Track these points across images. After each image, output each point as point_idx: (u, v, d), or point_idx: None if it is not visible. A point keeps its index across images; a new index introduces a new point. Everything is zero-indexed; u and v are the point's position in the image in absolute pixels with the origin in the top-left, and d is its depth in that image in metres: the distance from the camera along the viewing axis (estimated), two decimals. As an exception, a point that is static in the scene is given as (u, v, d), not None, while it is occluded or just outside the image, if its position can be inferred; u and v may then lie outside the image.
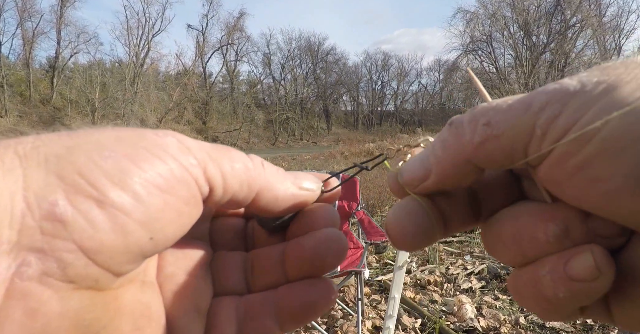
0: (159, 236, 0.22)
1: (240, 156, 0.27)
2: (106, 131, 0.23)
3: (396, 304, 2.01)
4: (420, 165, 0.27)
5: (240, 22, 43.39)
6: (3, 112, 27.29)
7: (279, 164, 14.91)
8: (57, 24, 32.44)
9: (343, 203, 3.10)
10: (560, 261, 0.23)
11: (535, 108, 0.22)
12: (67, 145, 0.21)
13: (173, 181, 0.22)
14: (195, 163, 0.24)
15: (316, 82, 49.86)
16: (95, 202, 0.20)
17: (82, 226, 0.19)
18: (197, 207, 0.25)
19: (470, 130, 0.24)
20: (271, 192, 0.28)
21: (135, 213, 0.21)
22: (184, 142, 0.24)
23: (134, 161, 0.21)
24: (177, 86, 38.13)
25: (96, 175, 0.20)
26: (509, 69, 35.63)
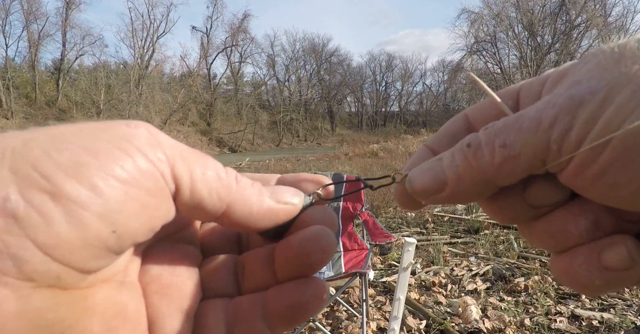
0: (122, 229, 0.21)
1: (214, 164, 0.26)
2: (73, 124, 0.22)
3: (401, 306, 2.01)
4: (434, 177, 0.27)
5: (245, 24, 43.60)
6: (9, 114, 27.45)
7: (283, 165, 14.97)
8: (62, 26, 32.69)
9: (347, 204, 3.10)
10: (594, 251, 0.24)
11: (546, 125, 0.22)
12: (25, 139, 0.21)
13: (135, 173, 0.22)
14: (163, 158, 0.23)
15: (320, 83, 49.97)
16: (49, 195, 0.19)
17: (35, 220, 0.19)
18: (165, 201, 0.23)
19: (488, 152, 0.24)
20: (244, 206, 0.26)
21: (92, 205, 0.20)
22: (155, 136, 0.24)
23: (92, 153, 0.21)
24: (182, 88, 38.21)
25: (50, 168, 0.20)
26: (513, 70, 35.57)
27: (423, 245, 4.17)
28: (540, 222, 0.27)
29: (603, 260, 0.23)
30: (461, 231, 4.76)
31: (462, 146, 0.26)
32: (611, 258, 0.23)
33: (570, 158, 0.22)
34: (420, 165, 0.29)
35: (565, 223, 0.25)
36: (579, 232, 0.24)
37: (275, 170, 12.51)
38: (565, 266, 0.25)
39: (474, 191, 0.26)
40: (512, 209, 0.27)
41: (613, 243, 0.23)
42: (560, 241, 0.25)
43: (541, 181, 0.25)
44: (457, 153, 0.26)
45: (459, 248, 4.14)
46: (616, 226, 0.24)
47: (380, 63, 56.06)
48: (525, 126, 0.23)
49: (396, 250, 3.93)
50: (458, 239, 4.42)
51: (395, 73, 56.26)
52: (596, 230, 0.24)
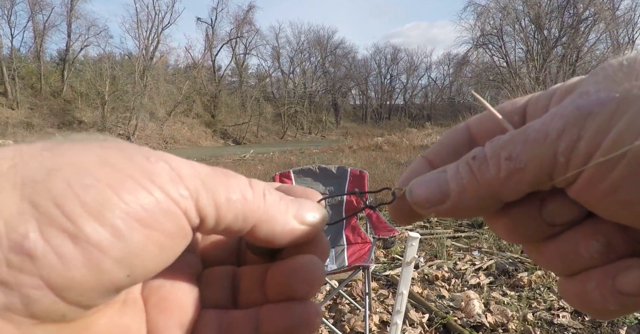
0: (137, 272, 0.21)
1: (239, 184, 0.25)
2: (92, 150, 0.22)
3: (404, 300, 2.01)
4: (437, 188, 0.26)
5: (250, 15, 43.43)
6: (14, 104, 27.53)
7: (287, 157, 14.93)
8: (67, 17, 32.67)
9: (351, 197, 3.10)
10: (608, 276, 0.23)
11: (553, 136, 0.22)
12: (47, 167, 0.20)
13: (158, 214, 0.21)
14: (187, 194, 0.22)
15: (325, 76, 49.84)
16: (69, 236, 0.18)
17: (51, 262, 0.18)
18: (184, 239, 0.23)
19: (493, 164, 0.24)
20: (269, 226, 0.26)
21: (112, 250, 0.19)
22: (176, 169, 0.23)
23: (117, 191, 0.20)
24: (186, 79, 38.22)
25: (73, 206, 0.19)
26: (519, 63, 35.26)
27: (426, 238, 4.17)
28: (550, 244, 0.26)
29: (618, 285, 0.22)
30: (465, 225, 4.76)
31: (468, 159, 0.25)
32: (627, 283, 0.22)
33: (578, 173, 0.21)
34: (422, 176, 0.28)
35: (576, 245, 0.24)
36: (590, 255, 0.23)
37: (280, 163, 12.53)
38: (577, 291, 0.24)
39: (477, 205, 0.25)
40: (527, 227, 0.26)
41: (628, 266, 0.22)
42: (570, 264, 0.25)
43: (559, 198, 0.24)
44: (462, 166, 0.26)
45: (463, 242, 4.14)
46: (629, 248, 0.23)
47: (385, 56, 55.82)
48: (531, 138, 0.23)
49: (399, 243, 3.93)
50: (461, 233, 4.42)
51: (400, 66, 56.04)
52: (609, 252, 0.23)
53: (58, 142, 0.22)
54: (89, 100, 30.31)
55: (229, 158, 16.51)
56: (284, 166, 11.04)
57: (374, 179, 7.33)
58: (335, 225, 2.95)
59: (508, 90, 28.06)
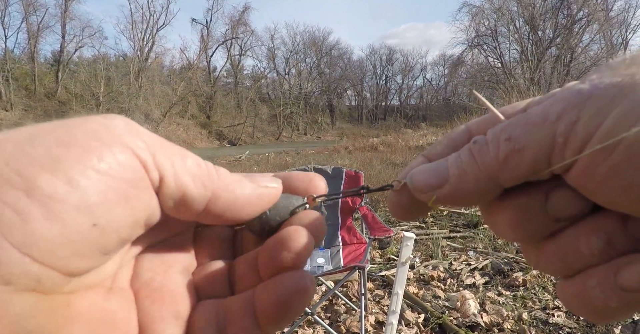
0: (103, 221, 0.20)
1: (192, 155, 0.25)
2: (50, 122, 0.22)
3: (399, 300, 2.01)
4: (437, 173, 0.26)
5: (245, 16, 43.40)
6: (8, 106, 27.39)
7: (283, 158, 14.93)
8: (62, 18, 32.55)
9: (347, 198, 3.10)
10: (610, 272, 0.23)
11: (552, 118, 0.22)
12: (0, 138, 0.20)
13: (114, 164, 0.21)
14: (144, 147, 0.22)
15: (320, 77, 49.85)
16: (24, 192, 0.18)
17: (9, 218, 0.18)
18: (146, 191, 0.23)
19: (493, 146, 0.24)
20: (228, 192, 0.26)
21: (70, 199, 0.19)
22: (132, 125, 0.23)
23: (68, 146, 0.20)
24: (182, 80, 38.13)
25: (24, 163, 0.19)
26: (514, 64, 35.39)
27: (422, 239, 4.17)
28: (550, 243, 0.25)
29: (620, 281, 0.22)
30: (460, 225, 4.77)
31: (469, 144, 0.26)
32: (629, 278, 0.22)
33: (575, 155, 0.21)
34: (423, 166, 0.28)
35: (577, 242, 0.24)
36: (590, 252, 0.23)
37: (275, 164, 12.51)
38: (577, 290, 0.24)
39: (476, 189, 0.25)
40: (532, 221, 0.25)
41: (630, 262, 0.22)
42: (570, 263, 0.24)
43: (562, 191, 0.24)
44: (462, 151, 0.26)
45: (458, 242, 4.15)
46: (630, 245, 0.23)
47: (380, 57, 55.92)
48: (531, 120, 0.23)
49: (395, 244, 3.94)
50: (457, 233, 4.43)
51: (395, 67, 56.14)
52: (609, 249, 0.23)
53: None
54: (83, 101, 30.22)
55: (224, 159, 16.46)
56: (280, 167, 11.03)
57: (369, 180, 7.33)
58: (330, 227, 2.95)
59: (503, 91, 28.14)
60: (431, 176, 0.27)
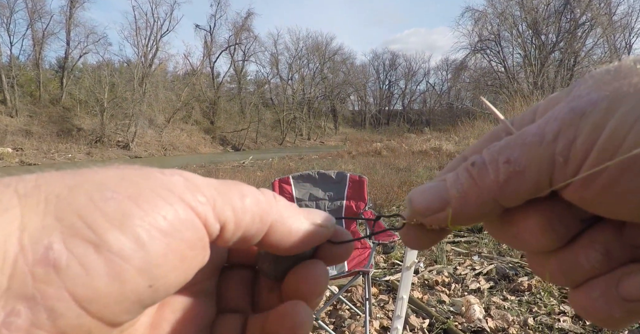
0: (159, 283, 0.21)
1: (250, 190, 0.26)
2: (111, 170, 0.22)
3: (404, 305, 2.00)
4: (437, 195, 0.26)
5: (248, 22, 43.58)
6: (14, 112, 27.50)
7: (287, 164, 14.93)
8: (66, 25, 32.71)
9: (351, 203, 3.10)
10: (611, 283, 0.23)
11: (549, 137, 0.22)
12: (69, 185, 0.20)
13: (178, 223, 0.21)
14: (204, 201, 0.23)
15: (323, 82, 49.92)
16: (93, 246, 0.19)
17: (76, 272, 0.18)
18: (203, 251, 0.24)
19: (492, 169, 0.24)
20: (284, 225, 0.27)
21: (134, 258, 0.20)
22: (191, 180, 0.24)
23: (137, 202, 0.21)
24: (185, 86, 38.25)
25: (95, 217, 0.19)
26: (517, 68, 35.39)
27: (426, 243, 4.16)
28: (551, 259, 0.26)
29: (621, 291, 0.22)
30: (464, 230, 4.75)
31: (467, 165, 0.26)
32: (629, 288, 0.22)
33: (577, 170, 0.22)
34: (422, 186, 0.28)
35: (576, 257, 0.24)
36: (591, 265, 0.24)
37: (279, 169, 12.52)
38: (583, 301, 0.25)
39: (479, 211, 0.25)
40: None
41: (630, 272, 0.23)
42: (573, 277, 0.25)
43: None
44: (461, 173, 0.26)
45: (463, 247, 4.13)
46: (628, 255, 0.23)
47: (383, 62, 56.11)
48: (528, 141, 0.23)
49: (399, 248, 3.92)
50: (461, 238, 4.42)
51: (398, 71, 56.31)
52: (609, 260, 0.23)
53: (77, 168, 0.23)
54: (88, 107, 30.25)
55: (228, 164, 16.50)
56: (283, 172, 11.04)
57: (373, 185, 7.33)
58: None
59: (506, 95, 28.13)
60: (431, 200, 0.26)
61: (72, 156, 24.89)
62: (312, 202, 3.13)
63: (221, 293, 0.31)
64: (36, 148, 24.62)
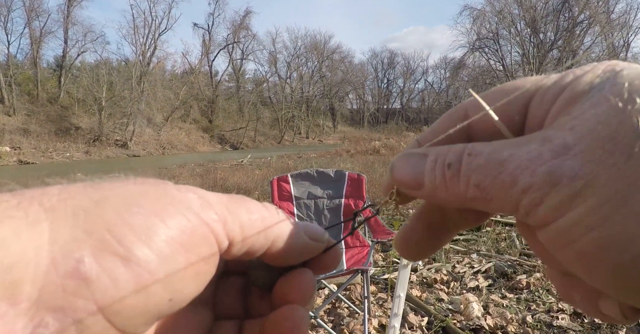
0: (178, 297, 0.22)
1: (256, 206, 0.27)
2: (129, 185, 0.23)
3: (401, 303, 2.00)
4: (413, 175, 0.27)
5: (246, 21, 43.58)
6: (11, 111, 27.47)
7: (285, 162, 14.91)
8: (64, 23, 32.73)
9: (349, 201, 3.10)
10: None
11: (519, 188, 0.22)
12: (95, 199, 0.21)
13: (197, 239, 0.22)
14: (217, 218, 0.24)
15: (322, 80, 49.97)
16: (121, 260, 0.19)
17: (105, 285, 0.19)
18: (214, 266, 0.25)
19: (463, 183, 0.24)
20: (285, 241, 0.28)
21: (159, 272, 0.20)
22: (204, 198, 0.25)
23: (161, 217, 0.21)
24: (184, 85, 38.23)
25: (124, 231, 0.20)
26: (515, 67, 35.46)
27: (425, 242, 4.16)
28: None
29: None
30: (463, 228, 4.75)
31: (445, 162, 0.26)
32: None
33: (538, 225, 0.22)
34: (407, 151, 0.29)
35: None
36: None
37: (277, 167, 12.51)
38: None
39: (447, 202, 0.26)
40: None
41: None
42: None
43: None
44: (438, 167, 0.26)
45: (461, 245, 4.13)
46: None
47: (382, 60, 56.16)
48: (501, 178, 0.23)
49: (398, 247, 3.92)
50: (460, 236, 4.41)
51: (397, 70, 56.36)
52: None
53: (96, 182, 0.23)
54: (86, 106, 30.23)
55: (226, 163, 16.47)
56: (282, 170, 11.03)
57: (372, 183, 7.33)
58: (335, 228, 2.95)
59: (504, 94, 28.09)
60: (408, 177, 0.27)
61: (70, 155, 24.88)
62: (310, 200, 3.13)
63: (216, 300, 0.32)
64: (34, 147, 24.60)
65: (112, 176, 0.25)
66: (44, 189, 0.21)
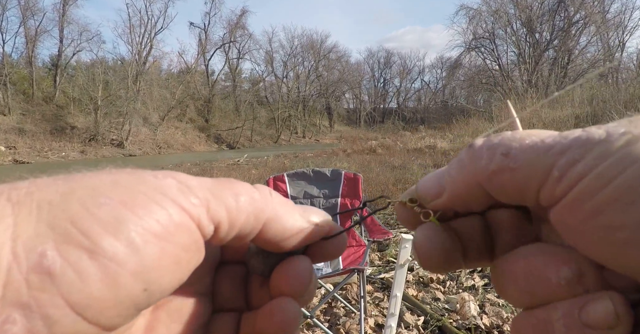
0: (153, 287, 0.21)
1: (244, 188, 0.26)
2: (103, 175, 0.22)
3: (398, 303, 2.01)
4: (436, 182, 0.27)
5: (243, 20, 43.49)
6: (6, 110, 27.32)
7: (282, 161, 14.91)
8: (59, 22, 32.52)
9: (346, 200, 3.10)
10: (575, 306, 0.22)
11: (557, 150, 0.21)
12: (61, 191, 0.20)
13: (171, 227, 0.22)
14: (198, 202, 0.23)
15: (318, 80, 49.90)
16: (87, 252, 0.19)
17: (70, 278, 0.18)
18: (198, 253, 0.24)
19: (487, 156, 0.23)
20: (279, 223, 0.27)
21: (128, 263, 0.20)
22: (184, 182, 0.24)
23: (130, 207, 0.21)
24: (180, 84, 38.11)
25: (89, 223, 0.19)
26: (512, 66, 35.58)
27: (421, 241, 4.16)
28: (521, 259, 0.25)
29: (584, 315, 0.21)
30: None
31: (465, 148, 0.25)
32: (594, 313, 0.21)
33: (566, 191, 0.21)
34: (432, 173, 0.28)
35: (546, 268, 0.23)
36: (558, 280, 0.23)
37: (274, 167, 12.51)
38: (538, 320, 0.24)
39: (467, 194, 0.25)
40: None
41: (597, 297, 0.22)
42: (537, 289, 0.24)
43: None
44: (457, 157, 0.26)
45: (457, 244, 4.13)
46: (600, 287, 0.22)
47: (378, 59, 56.21)
48: (536, 145, 0.22)
49: (394, 246, 3.93)
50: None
51: (393, 69, 56.42)
52: (577, 283, 0.22)
53: (69, 174, 0.23)
54: (81, 105, 30.05)
55: (222, 162, 16.46)
56: (278, 170, 11.02)
57: (368, 182, 7.33)
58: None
59: (500, 93, 28.23)
60: (431, 186, 0.27)
61: (66, 154, 24.76)
62: (306, 200, 3.12)
63: (216, 291, 0.31)
64: (29, 146, 24.47)
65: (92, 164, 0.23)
66: (14, 183, 0.21)
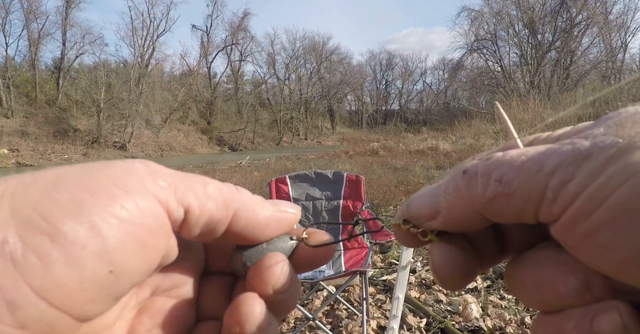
0: (120, 269, 0.21)
1: (212, 180, 0.26)
2: (71, 166, 0.23)
3: (400, 305, 2.00)
4: (429, 203, 0.27)
5: (245, 22, 43.60)
6: (9, 113, 27.42)
7: (284, 163, 14.91)
8: (62, 25, 32.66)
9: (348, 202, 3.10)
10: (586, 317, 0.22)
11: (547, 170, 0.21)
12: (25, 182, 0.21)
13: (135, 210, 0.22)
14: (165, 185, 0.23)
15: (320, 82, 49.90)
16: (48, 236, 0.19)
17: (32, 262, 0.18)
18: (166, 238, 0.24)
19: (482, 183, 0.23)
20: (249, 211, 0.27)
21: (90, 245, 0.20)
22: (152, 166, 0.24)
23: (93, 192, 0.21)
24: (182, 86, 38.18)
25: (50, 209, 0.20)
26: (514, 68, 35.56)
27: (423, 243, 4.16)
28: (531, 270, 0.25)
29: (595, 327, 0.22)
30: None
31: (459, 173, 0.25)
32: (603, 324, 0.22)
33: (563, 211, 0.21)
34: (421, 191, 0.28)
35: (555, 279, 0.24)
36: (566, 291, 0.23)
37: (276, 169, 12.51)
38: (554, 329, 0.24)
39: (464, 221, 0.25)
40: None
41: (607, 308, 0.22)
42: (547, 298, 0.24)
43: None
44: (451, 181, 0.26)
45: (460, 246, 4.13)
46: (608, 293, 0.23)
47: (380, 61, 56.20)
48: (526, 167, 0.22)
49: (396, 248, 3.92)
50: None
51: (395, 71, 56.41)
52: (586, 292, 0.23)
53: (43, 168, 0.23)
54: (84, 108, 30.15)
55: (225, 164, 16.46)
56: (280, 172, 11.02)
57: (370, 184, 7.33)
58: (331, 231, 2.94)
59: (503, 95, 28.20)
60: (424, 207, 0.27)
61: (69, 157, 24.83)
62: (309, 202, 3.12)
63: (201, 300, 0.31)
64: (32, 149, 24.56)
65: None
66: None
